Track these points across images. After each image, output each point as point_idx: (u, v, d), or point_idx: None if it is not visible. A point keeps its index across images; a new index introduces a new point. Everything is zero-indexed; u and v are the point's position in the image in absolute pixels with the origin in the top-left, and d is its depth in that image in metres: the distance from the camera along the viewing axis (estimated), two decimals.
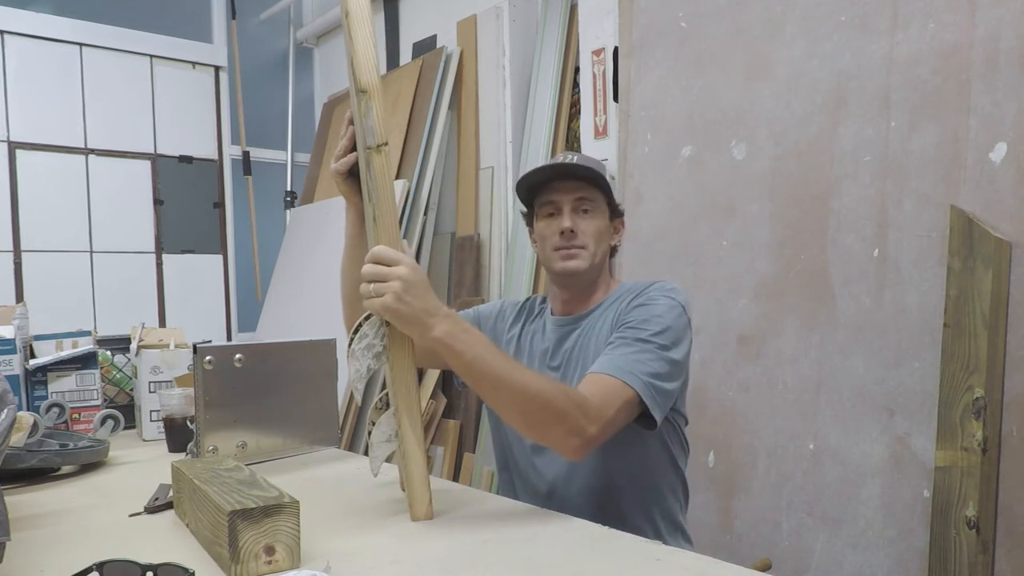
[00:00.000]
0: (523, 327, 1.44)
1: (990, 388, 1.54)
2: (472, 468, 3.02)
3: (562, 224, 1.29)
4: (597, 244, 1.31)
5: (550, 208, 1.32)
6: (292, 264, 3.91)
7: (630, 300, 1.27)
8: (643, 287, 1.30)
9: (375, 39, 1.05)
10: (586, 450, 1.10)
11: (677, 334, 1.21)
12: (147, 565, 0.79)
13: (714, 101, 2.12)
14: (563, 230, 1.29)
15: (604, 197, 1.32)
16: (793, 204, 1.93)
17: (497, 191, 3.12)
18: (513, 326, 1.45)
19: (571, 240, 1.29)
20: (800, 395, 1.88)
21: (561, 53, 2.91)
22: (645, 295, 1.27)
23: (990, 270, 1.55)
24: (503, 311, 1.49)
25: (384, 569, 0.86)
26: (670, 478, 1.33)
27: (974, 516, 1.54)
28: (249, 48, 4.32)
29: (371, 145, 1.02)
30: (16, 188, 3.57)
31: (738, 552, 1.96)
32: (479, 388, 1.06)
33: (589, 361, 1.25)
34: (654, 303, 1.24)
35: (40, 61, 3.64)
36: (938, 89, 1.68)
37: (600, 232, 1.31)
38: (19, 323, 1.77)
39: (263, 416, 1.45)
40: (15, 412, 0.96)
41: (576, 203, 1.30)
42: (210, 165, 4.15)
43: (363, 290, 1.01)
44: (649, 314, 1.22)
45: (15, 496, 1.24)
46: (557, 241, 1.30)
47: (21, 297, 3.54)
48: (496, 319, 1.48)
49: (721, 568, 0.86)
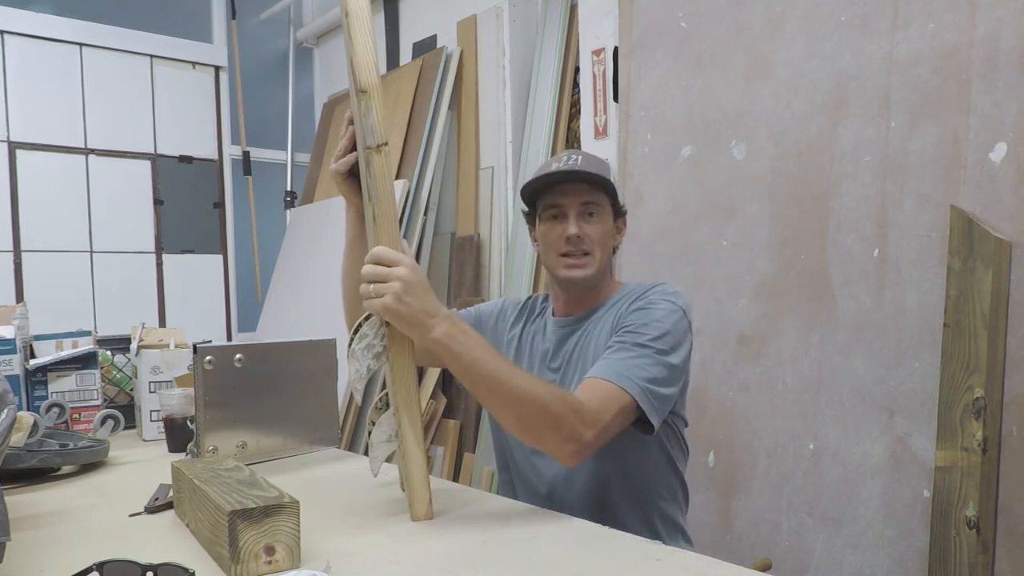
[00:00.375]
0: (524, 327, 1.44)
1: (990, 388, 1.54)
2: (472, 468, 3.02)
3: (568, 230, 1.27)
4: (602, 249, 1.30)
5: (554, 211, 1.29)
6: (292, 264, 3.91)
7: (630, 303, 1.27)
8: (644, 289, 1.29)
9: (374, 39, 1.05)
10: (582, 455, 1.09)
11: (676, 339, 1.21)
12: (147, 565, 0.79)
13: (714, 101, 2.12)
14: (569, 236, 1.27)
15: (609, 199, 1.31)
16: (793, 204, 1.93)
17: (497, 191, 3.12)
18: (514, 326, 1.45)
19: (578, 246, 1.28)
20: (800, 395, 1.88)
21: (561, 53, 2.91)
22: (645, 298, 1.26)
23: (990, 270, 1.55)
24: (504, 310, 1.49)
25: (384, 569, 0.86)
26: (669, 480, 1.32)
27: (974, 516, 1.54)
28: (249, 48, 4.32)
29: (371, 145, 1.02)
30: (16, 188, 3.57)
31: (738, 552, 1.96)
32: (476, 390, 1.06)
33: (588, 364, 1.25)
34: (654, 307, 1.23)
35: (40, 61, 3.64)
36: (938, 89, 1.68)
37: (605, 236, 1.30)
38: (19, 323, 1.77)
39: (263, 416, 1.45)
40: (15, 412, 0.96)
41: (582, 207, 1.28)
42: (210, 165, 4.15)
43: (363, 290, 1.01)
44: (648, 318, 1.21)
45: (15, 496, 1.24)
46: (563, 247, 1.28)
47: (21, 297, 3.54)
48: (497, 318, 1.48)
49: (721, 568, 0.86)
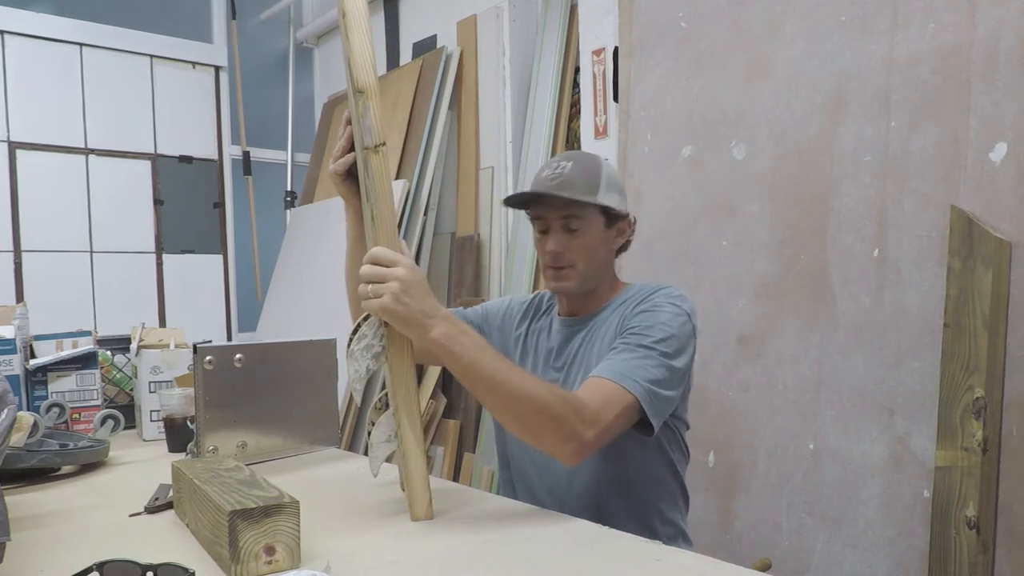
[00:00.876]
0: (530, 325, 1.44)
1: (990, 388, 1.54)
2: (472, 468, 3.02)
3: (547, 246, 1.29)
4: (588, 261, 1.29)
5: (539, 223, 1.31)
6: (292, 264, 3.91)
7: (635, 305, 1.26)
8: (650, 291, 1.28)
9: (372, 39, 1.05)
10: (582, 455, 1.09)
11: (680, 342, 1.21)
12: (147, 565, 0.79)
13: (714, 101, 2.12)
14: (549, 251, 1.29)
15: (597, 207, 1.28)
16: (793, 204, 1.93)
17: (497, 191, 3.12)
18: (520, 324, 1.45)
19: (558, 261, 1.29)
20: (800, 395, 1.88)
21: (561, 53, 2.91)
22: (650, 301, 1.26)
23: (990, 270, 1.55)
24: (510, 308, 1.49)
25: (384, 569, 0.87)
26: (668, 483, 1.32)
27: (974, 516, 1.54)
28: (249, 48, 4.32)
29: (369, 145, 1.02)
30: (16, 188, 3.57)
31: (738, 552, 1.96)
32: (475, 390, 1.06)
33: (592, 364, 1.25)
34: (659, 310, 1.23)
35: (40, 61, 3.64)
36: (938, 89, 1.68)
37: (590, 248, 1.29)
38: (19, 323, 1.77)
39: (263, 416, 1.45)
40: (15, 412, 0.96)
41: (563, 222, 1.28)
42: (210, 165, 4.15)
43: (361, 291, 1.01)
44: (654, 320, 1.21)
45: (15, 496, 1.24)
46: (547, 259, 1.30)
47: (21, 297, 3.54)
48: (504, 317, 1.48)
49: (721, 568, 0.86)
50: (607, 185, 1.29)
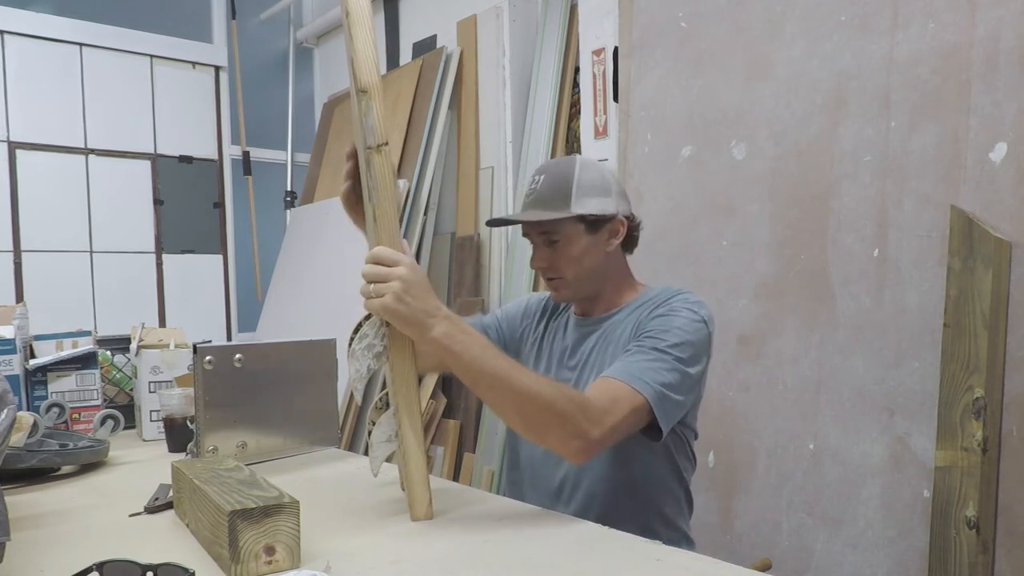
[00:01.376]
0: (547, 324, 1.45)
1: (990, 388, 1.54)
2: (472, 468, 3.02)
3: (533, 262, 1.34)
4: (575, 270, 1.30)
5: (528, 239, 1.35)
6: (292, 264, 3.91)
7: (652, 309, 1.26)
8: (668, 296, 1.28)
9: (375, 39, 1.05)
10: (589, 453, 1.08)
11: (696, 349, 1.20)
12: (147, 565, 0.79)
13: (714, 101, 2.12)
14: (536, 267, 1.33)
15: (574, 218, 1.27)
16: (793, 204, 1.93)
17: (497, 191, 3.12)
18: (539, 323, 1.46)
19: (547, 274, 1.33)
20: (800, 395, 1.88)
21: (561, 53, 2.91)
22: (668, 305, 1.25)
23: (990, 270, 1.55)
24: (528, 308, 1.50)
25: (384, 569, 0.86)
26: (674, 489, 1.32)
27: (974, 516, 1.54)
28: (249, 48, 4.31)
29: (371, 145, 1.02)
30: (16, 188, 3.57)
31: (738, 552, 1.96)
32: (478, 389, 1.06)
33: (606, 364, 1.24)
34: (676, 314, 1.22)
35: (40, 61, 3.64)
36: (938, 89, 1.68)
37: (576, 257, 1.29)
38: (19, 323, 1.77)
39: (263, 416, 1.44)
40: (15, 412, 0.96)
41: (543, 238, 1.31)
42: (210, 165, 4.15)
43: (363, 290, 1.01)
44: (670, 325, 1.21)
45: (15, 496, 1.24)
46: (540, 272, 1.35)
47: (21, 297, 3.54)
48: (523, 317, 1.49)
49: (721, 568, 0.86)
50: (583, 191, 1.27)
